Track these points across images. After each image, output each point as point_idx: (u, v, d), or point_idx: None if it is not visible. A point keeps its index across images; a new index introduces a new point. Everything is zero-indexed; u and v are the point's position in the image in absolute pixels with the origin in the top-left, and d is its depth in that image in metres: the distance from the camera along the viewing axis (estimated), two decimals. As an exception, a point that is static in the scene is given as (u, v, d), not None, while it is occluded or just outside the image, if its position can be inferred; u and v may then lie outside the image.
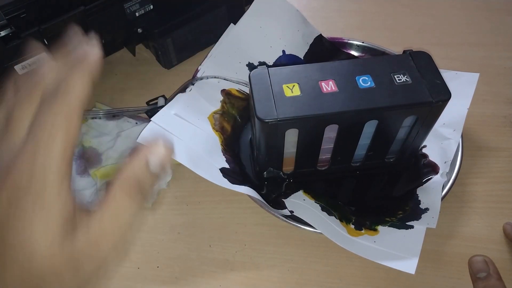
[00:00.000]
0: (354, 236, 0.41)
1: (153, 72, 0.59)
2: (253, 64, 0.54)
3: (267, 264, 0.42)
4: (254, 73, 0.39)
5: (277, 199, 0.44)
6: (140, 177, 0.20)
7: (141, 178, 0.20)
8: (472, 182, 0.47)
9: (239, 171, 0.46)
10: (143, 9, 0.52)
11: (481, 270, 0.39)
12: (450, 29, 0.63)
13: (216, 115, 0.49)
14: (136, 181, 0.20)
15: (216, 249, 0.43)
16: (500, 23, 0.64)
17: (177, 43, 0.56)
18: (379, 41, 0.57)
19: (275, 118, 0.36)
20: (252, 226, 0.44)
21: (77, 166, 0.49)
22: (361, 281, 0.41)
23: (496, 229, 0.43)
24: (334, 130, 0.39)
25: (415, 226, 0.41)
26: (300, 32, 0.55)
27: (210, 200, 0.47)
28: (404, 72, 0.39)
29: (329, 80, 0.39)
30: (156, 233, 0.44)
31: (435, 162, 0.46)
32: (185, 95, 0.49)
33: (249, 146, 0.49)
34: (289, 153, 0.42)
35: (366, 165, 0.46)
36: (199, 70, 0.51)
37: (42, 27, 0.44)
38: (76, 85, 0.19)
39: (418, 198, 0.43)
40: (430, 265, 0.41)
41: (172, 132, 0.43)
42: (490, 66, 0.58)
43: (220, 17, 0.57)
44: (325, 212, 0.42)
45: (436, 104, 0.37)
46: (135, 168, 0.20)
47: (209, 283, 0.41)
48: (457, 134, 0.46)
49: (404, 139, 0.42)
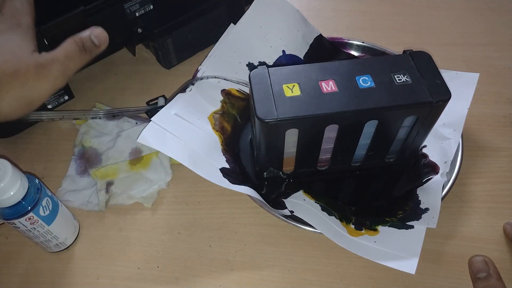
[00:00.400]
0: (354, 236, 0.41)
1: (153, 72, 0.59)
2: (253, 64, 0.54)
3: (267, 264, 0.42)
4: (254, 73, 0.39)
5: (277, 199, 0.44)
6: (84, 39, 0.32)
7: (85, 40, 0.32)
8: (472, 182, 0.47)
9: (239, 171, 0.46)
10: (143, 9, 0.52)
11: (481, 270, 0.39)
12: (450, 29, 0.63)
13: (216, 115, 0.49)
14: (81, 40, 0.32)
15: (216, 249, 0.43)
16: (500, 23, 0.64)
17: (177, 43, 0.56)
18: (379, 41, 0.57)
19: (275, 118, 0.36)
20: (252, 226, 0.44)
21: (77, 166, 0.49)
22: (361, 281, 0.41)
23: (496, 229, 0.43)
24: (334, 130, 0.39)
25: (415, 226, 0.41)
26: (300, 32, 0.55)
27: (210, 200, 0.47)
28: (404, 72, 0.39)
29: (329, 80, 0.39)
30: (156, 233, 0.45)
31: (435, 162, 0.46)
32: (185, 95, 0.49)
33: (249, 146, 0.49)
34: (289, 153, 0.42)
35: (366, 165, 0.46)
36: (199, 70, 0.51)
37: (42, 27, 0.44)
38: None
39: (418, 198, 0.43)
40: (430, 265, 0.41)
41: (172, 132, 0.43)
42: (490, 66, 0.58)
43: (220, 17, 0.57)
44: (325, 212, 0.42)
45: (436, 104, 0.37)
46: (80, 34, 0.32)
47: (209, 283, 0.41)
48: (457, 134, 0.46)
49: (404, 139, 0.42)
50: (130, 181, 0.47)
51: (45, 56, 0.30)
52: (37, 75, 0.29)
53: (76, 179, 0.48)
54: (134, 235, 0.44)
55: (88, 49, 0.32)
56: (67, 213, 0.42)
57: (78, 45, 0.32)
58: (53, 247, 0.42)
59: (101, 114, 0.51)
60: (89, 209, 0.46)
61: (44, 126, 0.53)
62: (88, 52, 0.32)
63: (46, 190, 0.39)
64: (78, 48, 0.32)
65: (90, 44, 0.32)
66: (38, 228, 0.38)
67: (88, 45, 0.32)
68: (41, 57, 0.30)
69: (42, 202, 0.38)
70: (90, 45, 0.32)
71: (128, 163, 0.48)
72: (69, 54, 0.31)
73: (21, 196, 0.36)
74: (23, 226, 0.37)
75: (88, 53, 0.32)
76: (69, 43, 0.32)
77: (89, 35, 0.32)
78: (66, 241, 0.43)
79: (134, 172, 0.47)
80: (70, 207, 0.45)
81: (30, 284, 0.42)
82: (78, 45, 0.32)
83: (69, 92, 0.54)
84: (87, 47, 0.32)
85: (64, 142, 0.51)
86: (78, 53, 0.32)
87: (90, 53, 0.32)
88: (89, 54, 0.32)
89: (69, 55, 0.31)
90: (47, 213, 0.38)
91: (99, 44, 0.33)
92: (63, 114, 0.51)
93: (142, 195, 0.46)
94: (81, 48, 0.32)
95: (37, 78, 0.30)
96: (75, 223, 0.44)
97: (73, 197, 0.46)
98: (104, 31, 0.33)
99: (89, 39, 0.32)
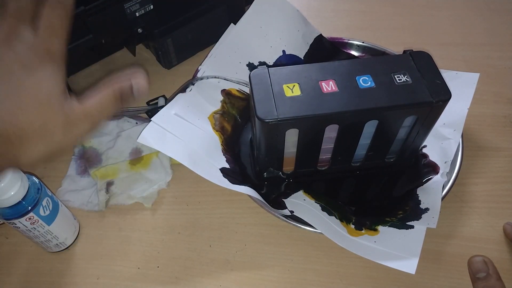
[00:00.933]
0: (354, 236, 0.41)
1: (153, 72, 0.59)
2: (253, 64, 0.54)
3: (267, 264, 0.42)
4: (254, 73, 0.39)
5: (277, 199, 0.44)
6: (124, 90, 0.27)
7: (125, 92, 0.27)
8: (472, 182, 0.47)
9: (239, 171, 0.46)
10: (143, 9, 0.52)
11: (481, 270, 0.39)
12: (450, 29, 0.63)
13: (216, 115, 0.49)
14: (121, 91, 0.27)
15: (216, 249, 0.43)
16: (500, 23, 0.64)
17: (177, 43, 0.56)
18: (379, 41, 0.57)
19: (275, 118, 0.36)
20: (252, 226, 0.44)
21: (77, 166, 0.49)
22: (361, 281, 0.41)
23: (496, 229, 0.43)
24: (334, 130, 0.39)
25: (415, 226, 0.41)
26: (300, 32, 0.55)
27: (210, 200, 0.47)
28: (404, 72, 0.39)
29: (329, 80, 0.39)
30: (156, 233, 0.45)
31: (435, 162, 0.46)
32: (185, 95, 0.49)
33: (249, 146, 0.49)
34: (289, 153, 0.42)
35: (366, 165, 0.46)
36: (199, 70, 0.51)
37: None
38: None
39: (418, 198, 0.43)
40: (430, 265, 0.41)
41: (172, 132, 0.43)
42: (490, 66, 0.58)
43: (220, 17, 0.57)
44: (325, 212, 0.42)
45: (436, 104, 0.37)
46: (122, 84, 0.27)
47: (209, 283, 0.41)
48: (457, 134, 0.46)
49: (404, 139, 0.42)
50: (130, 181, 0.47)
51: (76, 110, 0.26)
52: (64, 133, 0.25)
53: (76, 179, 0.48)
54: (134, 235, 0.44)
55: (127, 100, 0.27)
56: (67, 213, 0.43)
57: (116, 98, 0.27)
58: (53, 247, 0.42)
59: (101, 114, 0.51)
60: (89, 209, 0.46)
61: (44, 126, 0.53)
62: (124, 102, 0.27)
63: (46, 190, 0.39)
64: (115, 100, 0.27)
65: (130, 95, 0.27)
66: (38, 228, 0.38)
67: (127, 96, 0.27)
68: (72, 111, 0.26)
69: (43, 202, 0.38)
70: (130, 95, 0.27)
71: (128, 163, 0.48)
72: (104, 107, 0.27)
73: (22, 196, 0.36)
74: (23, 226, 0.37)
75: (124, 103, 0.28)
76: (107, 94, 0.27)
77: (131, 86, 0.27)
78: (66, 241, 0.43)
79: (134, 172, 0.47)
80: (70, 207, 0.45)
81: (30, 284, 0.42)
82: (116, 98, 0.27)
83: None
84: (124, 99, 0.27)
85: (64, 142, 0.51)
86: (114, 104, 0.27)
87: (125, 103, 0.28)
88: (123, 104, 0.28)
89: (104, 108, 0.27)
90: (47, 213, 0.38)
91: (139, 96, 0.28)
92: (63, 114, 0.51)
93: (142, 195, 0.46)
94: (118, 100, 0.27)
95: (64, 135, 0.25)
96: (75, 223, 0.44)
97: (73, 197, 0.46)
98: (145, 77, 0.28)
99: (130, 90, 0.27)
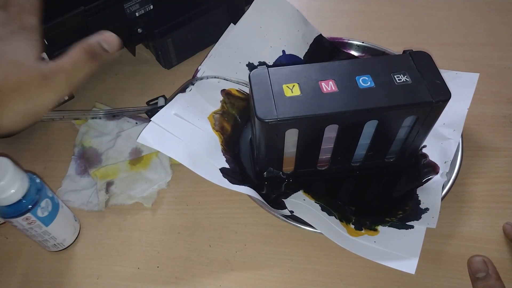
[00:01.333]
0: (354, 236, 0.41)
1: (153, 72, 0.59)
2: (253, 64, 0.54)
3: (267, 264, 0.42)
4: (254, 73, 0.39)
5: (277, 199, 0.44)
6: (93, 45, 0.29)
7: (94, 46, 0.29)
8: (472, 182, 0.47)
9: (239, 171, 0.46)
10: (143, 9, 0.52)
11: (480, 270, 0.39)
12: (450, 29, 0.63)
13: (216, 115, 0.49)
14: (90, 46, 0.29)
15: (216, 249, 0.43)
16: (500, 23, 0.64)
17: (177, 43, 0.56)
18: (379, 41, 0.57)
19: (275, 118, 0.36)
20: (252, 226, 0.44)
21: (77, 166, 0.49)
22: (361, 281, 0.41)
23: (496, 229, 0.43)
24: (334, 130, 0.39)
25: (415, 226, 0.41)
26: (300, 32, 0.55)
27: (210, 200, 0.47)
28: (404, 72, 0.39)
29: (329, 80, 0.39)
30: (156, 233, 0.45)
31: (435, 162, 0.46)
32: (185, 95, 0.49)
33: (249, 146, 0.49)
34: (289, 153, 0.42)
35: (366, 165, 0.46)
36: (199, 70, 0.51)
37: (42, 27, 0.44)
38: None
39: (418, 198, 0.43)
40: (430, 265, 0.41)
41: (172, 132, 0.43)
42: (490, 66, 0.58)
43: (220, 17, 0.57)
44: (325, 212, 0.42)
45: (436, 104, 0.37)
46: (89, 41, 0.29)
47: (209, 283, 0.41)
48: (457, 134, 0.46)
49: (404, 139, 0.42)
50: (130, 181, 0.47)
51: (50, 65, 0.28)
52: (40, 87, 0.28)
53: (76, 179, 0.48)
54: (134, 235, 0.44)
55: (98, 56, 0.30)
56: (68, 215, 0.42)
57: (87, 52, 0.29)
58: (51, 247, 0.42)
59: (101, 114, 0.51)
60: (89, 209, 0.46)
61: (44, 126, 0.53)
62: (98, 59, 0.30)
63: (47, 191, 0.39)
64: (87, 56, 0.29)
65: (100, 50, 0.30)
66: (36, 228, 0.38)
67: (98, 51, 0.29)
68: (46, 67, 0.28)
69: (41, 204, 0.38)
70: (100, 51, 0.30)
71: (128, 163, 0.48)
72: (77, 62, 0.29)
73: (21, 196, 0.36)
74: (20, 225, 0.37)
75: (97, 60, 0.30)
76: (76, 50, 0.29)
77: (98, 40, 0.29)
78: (65, 242, 0.42)
79: (134, 172, 0.47)
80: (70, 207, 0.45)
81: (30, 284, 0.42)
82: (86, 52, 0.29)
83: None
84: (96, 54, 0.29)
85: (64, 142, 0.51)
86: (86, 61, 0.29)
87: (99, 60, 0.30)
88: (98, 61, 0.30)
89: (76, 63, 0.29)
90: (45, 214, 0.38)
91: (109, 50, 0.30)
92: (63, 114, 0.51)
93: (142, 195, 0.46)
94: (90, 56, 0.29)
95: (40, 90, 0.28)
96: (75, 224, 0.44)
97: (73, 197, 0.46)
98: (114, 35, 0.31)
99: (99, 44, 0.29)
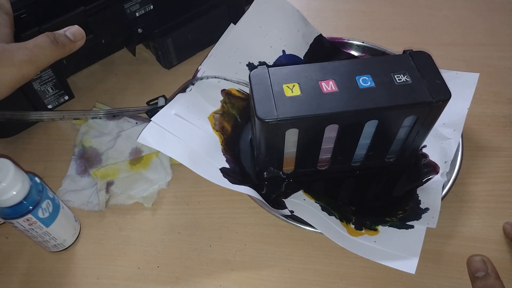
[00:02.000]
0: (354, 236, 0.41)
1: (153, 72, 0.59)
2: (253, 64, 0.54)
3: (267, 264, 0.42)
4: (254, 73, 0.39)
5: (277, 199, 0.44)
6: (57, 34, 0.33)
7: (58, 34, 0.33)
8: (472, 182, 0.47)
9: (239, 171, 0.46)
10: (143, 9, 0.52)
11: (480, 269, 0.39)
12: (450, 29, 0.63)
13: (216, 115, 0.49)
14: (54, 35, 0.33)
15: (216, 249, 0.43)
16: (500, 23, 0.64)
17: (177, 43, 0.56)
18: (379, 41, 0.57)
19: (275, 118, 0.36)
20: (252, 226, 0.44)
21: (77, 166, 0.49)
22: (361, 281, 0.41)
23: (496, 229, 0.43)
24: (334, 130, 0.39)
25: (415, 226, 0.41)
26: (300, 32, 0.55)
27: (210, 200, 0.47)
28: (404, 72, 0.39)
29: (329, 80, 0.39)
30: (156, 233, 0.45)
31: (435, 162, 0.46)
32: (185, 95, 0.49)
33: (249, 146, 0.49)
34: (289, 153, 0.42)
35: (366, 165, 0.46)
36: (199, 70, 0.51)
37: (42, 27, 0.44)
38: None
39: (418, 198, 0.43)
40: (430, 265, 0.41)
41: (172, 132, 0.43)
42: (490, 66, 0.58)
43: (220, 17, 0.57)
44: (325, 212, 0.42)
45: (436, 104, 0.37)
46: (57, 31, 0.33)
47: (209, 283, 0.41)
48: (457, 134, 0.46)
49: (404, 139, 0.42)
50: (130, 181, 0.47)
51: (12, 43, 0.32)
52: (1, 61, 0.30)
53: (76, 179, 0.48)
54: (134, 235, 0.44)
55: (61, 43, 0.33)
56: (68, 215, 0.42)
57: (49, 37, 0.33)
58: (51, 247, 0.42)
59: (101, 114, 0.51)
60: (89, 209, 0.46)
61: (44, 126, 0.53)
62: (61, 46, 0.33)
63: (48, 192, 0.39)
64: (49, 40, 0.33)
65: (64, 38, 0.33)
66: (36, 229, 0.38)
67: (61, 39, 0.33)
68: (8, 43, 0.32)
69: (42, 205, 0.37)
70: (64, 39, 0.33)
71: (128, 163, 0.48)
72: (38, 43, 0.32)
73: (22, 197, 0.36)
74: (21, 226, 0.37)
75: (61, 47, 0.33)
76: (40, 35, 0.33)
77: (63, 30, 0.34)
78: (65, 242, 0.42)
79: (134, 172, 0.47)
80: (70, 207, 0.45)
81: (30, 284, 0.42)
82: (49, 37, 0.33)
83: (69, 92, 0.54)
84: (59, 40, 0.33)
85: (64, 142, 0.51)
86: (49, 44, 0.33)
87: (63, 47, 0.33)
88: (62, 48, 0.33)
89: (38, 44, 0.32)
90: (46, 215, 0.38)
91: (74, 39, 0.34)
92: (63, 114, 0.51)
93: (142, 195, 0.46)
94: (52, 40, 0.33)
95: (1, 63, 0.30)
96: (75, 225, 0.44)
97: (73, 197, 0.46)
98: (80, 28, 0.35)
99: (62, 33, 0.34)
